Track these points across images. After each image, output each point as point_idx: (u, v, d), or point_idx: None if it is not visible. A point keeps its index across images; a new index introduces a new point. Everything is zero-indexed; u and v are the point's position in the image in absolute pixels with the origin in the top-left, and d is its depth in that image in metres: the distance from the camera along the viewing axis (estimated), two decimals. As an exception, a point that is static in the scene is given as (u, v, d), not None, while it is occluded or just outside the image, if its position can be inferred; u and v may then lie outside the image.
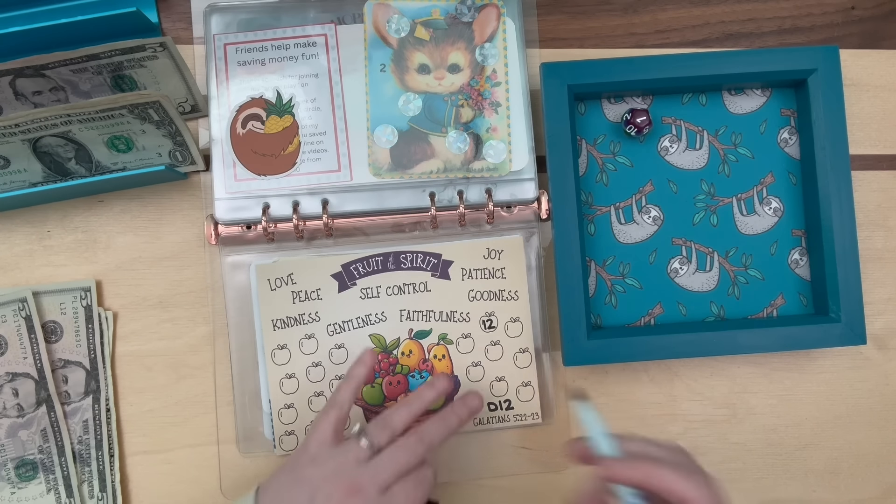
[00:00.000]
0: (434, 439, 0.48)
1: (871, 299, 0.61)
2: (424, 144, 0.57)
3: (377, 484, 0.46)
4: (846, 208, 0.57)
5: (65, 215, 0.58)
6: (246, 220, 0.56)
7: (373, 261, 0.57)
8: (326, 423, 0.48)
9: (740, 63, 0.57)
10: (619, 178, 0.59)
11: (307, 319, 0.57)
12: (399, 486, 0.46)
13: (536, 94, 0.59)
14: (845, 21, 0.63)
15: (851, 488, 0.60)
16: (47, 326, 0.57)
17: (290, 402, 0.56)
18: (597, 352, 0.56)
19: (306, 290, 0.57)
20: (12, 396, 0.56)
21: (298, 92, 0.57)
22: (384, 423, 0.49)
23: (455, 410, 0.51)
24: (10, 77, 0.52)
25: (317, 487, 0.46)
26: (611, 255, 0.59)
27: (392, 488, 0.46)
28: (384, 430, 0.48)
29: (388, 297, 0.57)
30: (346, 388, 0.50)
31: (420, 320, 0.57)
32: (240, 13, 0.57)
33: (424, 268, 0.57)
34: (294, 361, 0.56)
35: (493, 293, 0.57)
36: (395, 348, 0.57)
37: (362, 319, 0.57)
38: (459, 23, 0.58)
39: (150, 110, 0.51)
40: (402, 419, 0.49)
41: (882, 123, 0.62)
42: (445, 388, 0.52)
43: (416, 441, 0.48)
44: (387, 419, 0.49)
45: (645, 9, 0.62)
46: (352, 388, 0.50)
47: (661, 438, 0.47)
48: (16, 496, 0.56)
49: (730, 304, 0.59)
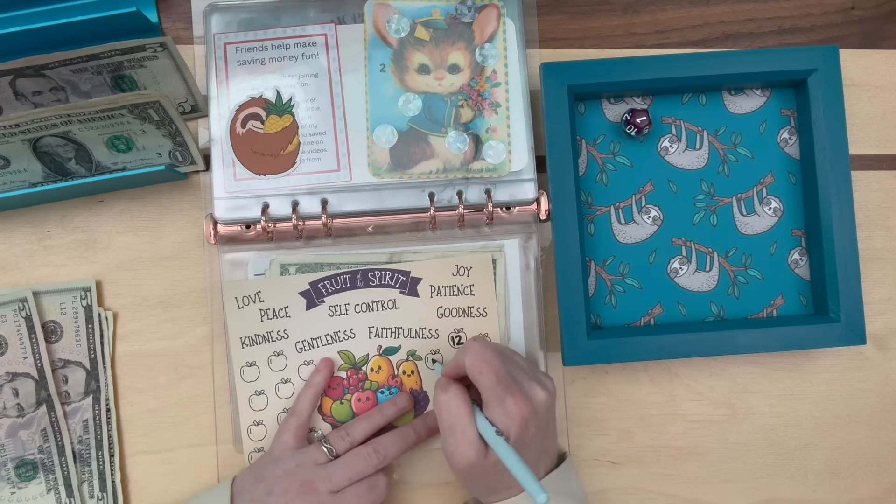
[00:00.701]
0: (389, 452, 0.53)
1: (871, 299, 0.61)
2: (424, 145, 0.57)
3: (330, 485, 0.51)
4: (846, 208, 0.57)
5: (65, 215, 0.58)
6: (245, 219, 0.56)
7: (341, 278, 0.57)
8: (287, 430, 0.54)
9: (740, 63, 0.57)
10: (619, 178, 0.59)
11: (276, 337, 0.57)
12: (351, 490, 0.51)
13: (536, 94, 0.59)
14: (845, 21, 0.63)
15: (851, 488, 0.60)
16: (47, 326, 0.57)
17: (260, 419, 0.56)
18: (597, 352, 0.56)
19: (274, 308, 0.57)
20: (12, 396, 0.56)
21: (298, 92, 0.57)
22: (345, 433, 0.54)
23: (414, 427, 0.55)
24: (10, 77, 0.52)
25: (275, 482, 0.51)
26: (611, 255, 0.59)
27: (344, 491, 0.51)
28: (344, 439, 0.53)
29: (356, 314, 0.57)
30: (305, 397, 0.55)
31: (389, 337, 0.57)
32: (240, 13, 0.57)
33: (393, 285, 0.57)
34: (263, 378, 0.56)
35: (462, 310, 0.57)
36: (363, 365, 0.57)
37: (331, 336, 0.57)
38: (459, 23, 0.58)
39: (150, 110, 0.52)
40: (362, 430, 0.54)
41: (882, 123, 0.62)
42: (406, 405, 0.56)
43: (372, 451, 0.52)
44: (348, 429, 0.54)
45: (645, 9, 0.62)
46: (310, 397, 0.55)
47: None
48: (16, 496, 0.56)
49: (730, 304, 0.59)
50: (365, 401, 0.57)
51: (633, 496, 0.59)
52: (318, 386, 0.55)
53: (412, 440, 0.55)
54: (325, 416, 0.57)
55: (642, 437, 0.59)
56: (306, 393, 0.55)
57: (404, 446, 0.54)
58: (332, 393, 0.57)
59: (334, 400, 0.57)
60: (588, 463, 0.59)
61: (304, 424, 0.54)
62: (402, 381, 0.57)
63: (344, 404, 0.57)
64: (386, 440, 0.54)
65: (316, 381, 0.55)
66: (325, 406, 0.57)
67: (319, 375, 0.56)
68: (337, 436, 0.53)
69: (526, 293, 0.58)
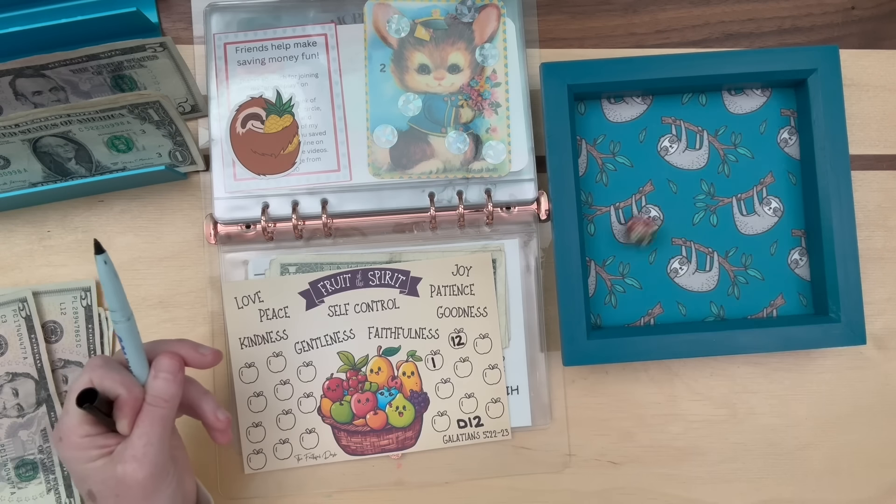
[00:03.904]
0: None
1: (871, 299, 0.61)
2: (424, 145, 0.57)
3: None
4: (846, 208, 0.57)
5: (65, 215, 0.58)
6: (245, 219, 0.56)
7: (341, 278, 0.57)
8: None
9: (740, 63, 0.57)
10: (619, 178, 0.59)
11: (275, 337, 0.57)
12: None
13: (536, 94, 0.59)
14: (845, 21, 0.63)
15: (851, 488, 0.60)
16: (47, 326, 0.57)
17: (258, 421, 0.56)
18: (597, 352, 0.56)
19: (274, 308, 0.57)
20: (12, 396, 0.56)
21: (298, 91, 0.57)
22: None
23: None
24: (10, 77, 0.52)
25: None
26: (611, 255, 0.59)
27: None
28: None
29: (356, 314, 0.57)
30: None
31: (388, 337, 0.57)
32: (240, 13, 0.57)
33: (393, 285, 0.57)
34: (262, 380, 0.56)
35: (462, 310, 0.57)
36: (363, 366, 0.57)
37: (330, 337, 0.57)
38: (459, 23, 0.58)
39: (150, 110, 0.52)
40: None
41: (882, 123, 0.62)
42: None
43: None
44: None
45: (645, 9, 0.62)
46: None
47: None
48: (16, 496, 0.56)
49: (730, 304, 0.59)
50: (365, 402, 0.57)
51: (633, 496, 0.59)
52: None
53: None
54: (325, 418, 0.57)
55: (642, 437, 0.59)
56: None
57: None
58: (331, 394, 0.57)
59: (334, 401, 0.57)
60: (588, 463, 0.59)
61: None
62: (402, 382, 0.57)
63: (343, 405, 0.57)
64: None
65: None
66: (324, 407, 0.57)
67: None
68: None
69: (526, 293, 0.58)
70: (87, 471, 0.44)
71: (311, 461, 0.57)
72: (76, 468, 0.44)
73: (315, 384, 0.57)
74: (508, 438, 0.58)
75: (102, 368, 0.44)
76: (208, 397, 0.49)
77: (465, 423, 0.57)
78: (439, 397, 0.57)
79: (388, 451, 0.57)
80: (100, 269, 0.42)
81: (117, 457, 0.43)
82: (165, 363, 0.45)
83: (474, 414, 0.58)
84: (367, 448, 0.57)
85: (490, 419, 0.58)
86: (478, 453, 0.58)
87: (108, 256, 0.42)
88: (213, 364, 0.48)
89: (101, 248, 0.42)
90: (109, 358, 0.46)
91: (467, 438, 0.57)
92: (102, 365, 0.45)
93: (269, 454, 0.56)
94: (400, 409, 0.57)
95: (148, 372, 0.45)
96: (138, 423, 0.44)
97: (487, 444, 0.58)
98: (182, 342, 0.48)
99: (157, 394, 0.45)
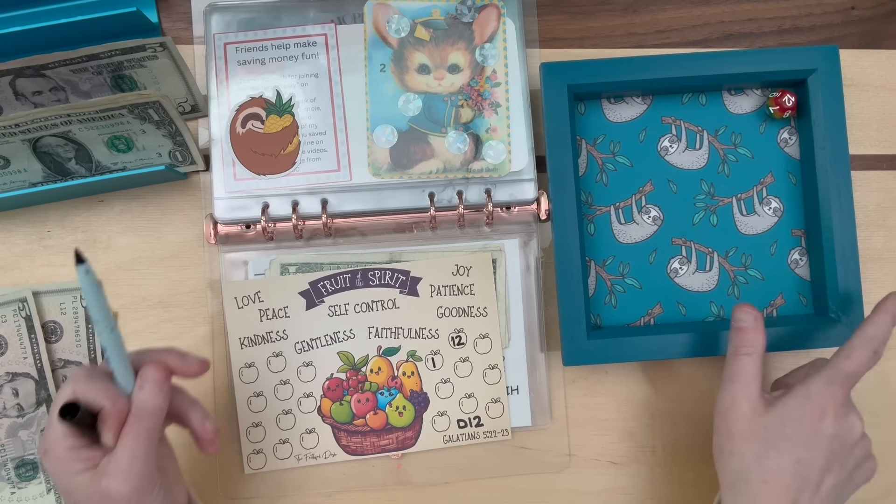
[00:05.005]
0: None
1: (871, 299, 0.61)
2: (424, 145, 0.57)
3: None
4: (846, 208, 0.57)
5: (65, 215, 0.58)
6: (245, 219, 0.56)
7: (340, 278, 0.57)
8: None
9: (740, 63, 0.57)
10: (619, 178, 0.59)
11: (275, 337, 0.57)
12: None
13: (536, 94, 0.59)
14: (845, 21, 0.63)
15: (851, 488, 0.60)
16: (47, 326, 0.57)
17: (258, 421, 0.56)
18: (597, 352, 0.56)
19: (274, 308, 0.57)
20: (12, 396, 0.56)
21: (298, 91, 0.57)
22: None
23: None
24: (10, 77, 0.52)
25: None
26: (611, 255, 0.59)
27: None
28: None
29: (356, 314, 0.57)
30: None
31: (388, 337, 0.57)
32: (240, 13, 0.57)
33: (393, 285, 0.57)
34: (262, 380, 0.56)
35: (462, 310, 0.57)
36: (363, 366, 0.57)
37: (330, 337, 0.57)
38: (459, 23, 0.58)
39: (150, 110, 0.52)
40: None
41: (882, 123, 0.62)
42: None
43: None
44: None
45: (645, 9, 0.62)
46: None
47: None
48: (16, 496, 0.56)
49: (730, 304, 0.59)
50: (365, 402, 0.57)
51: (634, 496, 0.59)
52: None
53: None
54: (325, 418, 0.57)
55: (642, 437, 0.59)
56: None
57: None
58: (331, 394, 0.57)
59: (334, 401, 0.57)
60: (588, 463, 0.59)
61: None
62: (402, 382, 0.57)
63: (343, 405, 0.57)
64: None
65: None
66: (324, 407, 0.57)
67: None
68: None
69: (526, 293, 0.58)
70: (73, 484, 0.43)
71: (311, 461, 0.57)
72: (62, 482, 0.43)
73: (315, 384, 0.57)
74: (508, 438, 0.58)
75: (86, 380, 0.43)
76: (196, 407, 0.48)
77: (465, 423, 0.57)
78: (439, 397, 0.57)
79: (388, 451, 0.57)
80: (81, 279, 0.40)
81: (102, 470, 0.42)
82: (151, 373, 0.44)
83: (474, 414, 0.58)
84: (367, 448, 0.57)
85: (490, 419, 0.58)
86: (478, 453, 0.58)
87: (89, 266, 0.40)
88: (201, 373, 0.47)
89: (81, 258, 0.40)
90: (94, 368, 0.45)
91: (467, 438, 0.58)
92: (86, 376, 0.43)
93: (269, 454, 0.57)
94: (400, 409, 0.57)
95: (134, 382, 0.44)
96: (123, 435, 0.43)
97: (487, 444, 0.58)
98: (169, 351, 0.46)
99: (143, 405, 0.43)
